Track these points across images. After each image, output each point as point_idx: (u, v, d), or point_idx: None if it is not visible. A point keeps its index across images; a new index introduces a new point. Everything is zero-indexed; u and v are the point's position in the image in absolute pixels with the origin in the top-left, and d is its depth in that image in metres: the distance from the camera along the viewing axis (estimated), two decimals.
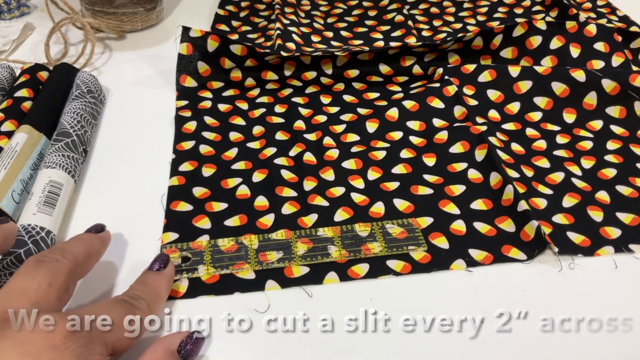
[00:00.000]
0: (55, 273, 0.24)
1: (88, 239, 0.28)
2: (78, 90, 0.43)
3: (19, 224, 0.31)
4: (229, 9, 0.61)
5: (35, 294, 0.23)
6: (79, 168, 0.37)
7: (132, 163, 0.39)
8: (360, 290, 0.31)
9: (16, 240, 0.29)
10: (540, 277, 0.32)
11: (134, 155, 0.40)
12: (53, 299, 0.23)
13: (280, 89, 0.47)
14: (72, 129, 0.38)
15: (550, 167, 0.39)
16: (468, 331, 0.29)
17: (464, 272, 0.32)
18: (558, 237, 0.33)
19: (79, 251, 0.26)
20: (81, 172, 0.38)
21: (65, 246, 0.26)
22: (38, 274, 0.24)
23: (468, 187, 0.37)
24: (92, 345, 0.21)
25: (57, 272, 0.24)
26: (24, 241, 0.30)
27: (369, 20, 0.60)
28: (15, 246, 0.29)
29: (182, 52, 0.46)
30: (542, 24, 0.48)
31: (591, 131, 0.43)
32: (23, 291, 0.23)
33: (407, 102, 0.44)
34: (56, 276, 0.24)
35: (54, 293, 0.23)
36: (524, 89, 0.45)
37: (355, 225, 0.34)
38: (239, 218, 0.35)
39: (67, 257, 0.25)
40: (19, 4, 0.60)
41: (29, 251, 0.29)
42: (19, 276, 0.24)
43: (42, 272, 0.24)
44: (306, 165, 0.39)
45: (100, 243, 0.29)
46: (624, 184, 0.38)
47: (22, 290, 0.23)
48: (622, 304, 0.30)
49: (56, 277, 0.24)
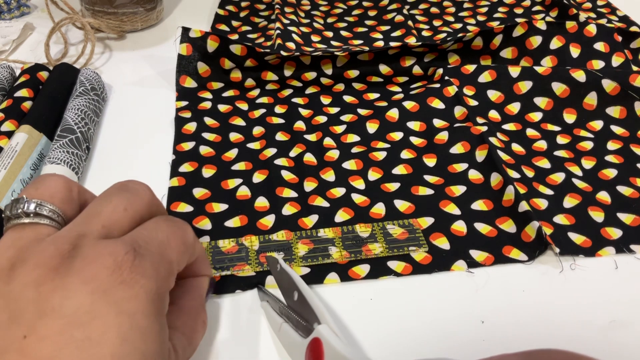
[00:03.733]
0: (133, 200, 0.23)
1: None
2: (82, 87, 0.43)
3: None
4: (229, 9, 0.61)
5: (108, 216, 0.22)
6: (82, 165, 0.37)
7: (132, 163, 0.39)
8: (360, 290, 0.31)
9: None
10: (541, 278, 0.32)
11: (133, 155, 0.40)
12: (125, 224, 0.22)
13: (280, 90, 0.47)
14: (76, 126, 0.38)
15: (550, 168, 0.39)
16: (468, 331, 0.29)
17: (465, 272, 0.32)
18: (559, 238, 0.33)
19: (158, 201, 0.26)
20: (83, 169, 0.38)
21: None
22: (116, 197, 0.23)
23: (469, 187, 0.37)
24: (158, 271, 0.21)
25: (135, 199, 0.23)
26: None
27: (369, 20, 0.60)
28: None
29: (182, 52, 0.46)
30: (542, 24, 0.48)
31: (591, 131, 0.43)
32: (97, 213, 0.22)
33: (407, 102, 0.44)
34: (133, 203, 0.23)
35: (127, 219, 0.22)
36: (524, 89, 0.45)
37: (356, 226, 0.34)
38: (240, 219, 0.35)
39: (149, 190, 0.25)
40: (19, 4, 0.59)
41: None
42: (97, 199, 0.23)
43: (120, 196, 0.23)
44: (306, 166, 0.39)
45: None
46: (624, 185, 0.38)
47: (96, 213, 0.22)
48: (622, 304, 0.30)
49: (133, 204, 0.23)
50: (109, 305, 0.18)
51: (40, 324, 0.18)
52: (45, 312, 0.18)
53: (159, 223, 0.23)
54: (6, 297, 0.19)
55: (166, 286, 0.21)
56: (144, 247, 0.21)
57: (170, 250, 0.22)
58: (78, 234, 0.21)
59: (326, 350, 0.23)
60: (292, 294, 0.27)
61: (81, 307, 0.18)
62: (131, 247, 0.20)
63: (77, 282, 0.19)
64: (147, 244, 0.21)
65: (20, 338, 0.17)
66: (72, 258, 0.19)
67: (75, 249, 0.20)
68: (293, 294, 0.27)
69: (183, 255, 0.23)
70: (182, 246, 0.23)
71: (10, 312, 0.18)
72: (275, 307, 0.28)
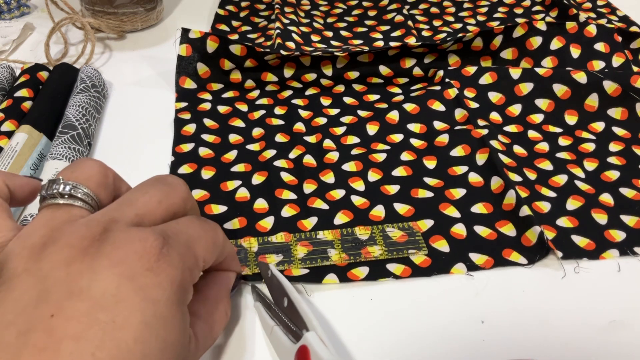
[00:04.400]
0: (168, 193, 0.24)
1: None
2: (83, 84, 0.43)
3: (27, 213, 0.31)
4: (229, 9, 0.61)
5: (142, 206, 0.22)
6: None
7: (132, 163, 0.39)
8: (360, 291, 0.31)
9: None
10: (542, 279, 0.31)
11: (133, 156, 0.40)
12: (158, 216, 0.23)
13: (280, 91, 0.47)
14: (78, 122, 0.39)
15: (553, 170, 0.39)
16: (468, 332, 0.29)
17: (464, 275, 0.32)
18: (562, 241, 0.33)
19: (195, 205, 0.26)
20: None
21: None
22: (152, 189, 0.23)
23: (468, 190, 0.37)
24: (185, 262, 0.21)
25: (170, 193, 0.24)
26: None
27: (369, 20, 0.59)
28: None
29: (182, 53, 0.46)
30: (542, 24, 0.48)
31: (593, 133, 0.43)
32: (131, 202, 0.22)
33: (407, 104, 0.44)
34: (167, 196, 0.23)
35: (160, 210, 0.23)
36: (525, 91, 0.45)
37: (355, 229, 0.34)
38: (239, 221, 0.35)
39: (185, 187, 0.25)
40: (19, 4, 0.59)
41: None
42: (134, 189, 0.24)
43: (156, 189, 0.23)
44: (306, 167, 0.39)
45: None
46: (627, 186, 0.38)
47: (131, 201, 0.22)
48: (624, 306, 0.30)
49: (167, 197, 0.23)
50: (135, 291, 0.19)
51: (67, 304, 0.18)
52: (73, 292, 0.18)
53: (191, 220, 0.24)
54: (36, 274, 0.19)
55: (190, 278, 0.21)
56: (173, 238, 0.21)
57: (199, 246, 0.22)
58: (110, 219, 0.21)
59: (313, 359, 0.24)
60: (282, 300, 0.28)
61: (107, 290, 0.18)
62: (161, 236, 0.20)
63: (105, 265, 0.19)
64: (177, 235, 0.22)
65: (48, 317, 0.18)
66: (102, 241, 0.20)
67: (107, 233, 0.20)
68: (283, 300, 0.28)
69: (211, 254, 0.24)
70: (211, 245, 0.24)
71: (39, 291, 0.18)
72: (268, 309, 0.28)
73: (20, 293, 0.18)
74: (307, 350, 0.24)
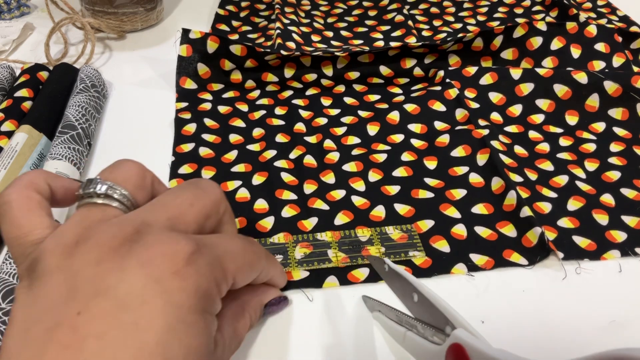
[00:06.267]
0: (201, 197, 0.24)
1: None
2: (82, 84, 0.43)
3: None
4: (229, 9, 0.61)
5: (174, 209, 0.22)
6: (83, 160, 0.38)
7: None
8: (360, 291, 0.31)
9: None
10: (543, 279, 0.31)
11: (133, 156, 0.39)
12: (190, 219, 0.23)
13: (281, 91, 0.47)
14: (77, 122, 0.39)
15: (554, 170, 0.39)
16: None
17: (465, 276, 0.32)
18: (563, 242, 0.33)
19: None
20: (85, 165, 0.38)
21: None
22: (185, 192, 0.23)
23: (469, 191, 0.37)
24: (213, 273, 0.21)
25: (203, 196, 0.24)
26: None
27: (369, 20, 0.59)
28: None
29: (182, 53, 0.46)
30: (542, 24, 0.48)
31: (594, 133, 0.43)
32: (164, 204, 0.22)
33: (408, 105, 0.44)
34: (200, 199, 0.23)
35: (192, 214, 0.23)
36: (525, 91, 0.45)
37: (355, 230, 0.34)
38: (239, 221, 0.34)
39: (219, 190, 0.25)
40: (19, 3, 0.59)
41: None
42: (168, 192, 0.24)
43: (189, 192, 0.23)
44: (306, 168, 0.39)
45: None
46: (628, 187, 0.38)
47: (164, 204, 0.23)
48: (626, 307, 0.30)
49: (200, 200, 0.23)
50: (159, 293, 0.19)
51: (93, 303, 0.18)
52: (100, 291, 0.18)
53: (234, 238, 0.24)
54: (67, 271, 0.19)
55: (216, 290, 0.21)
56: (206, 247, 0.21)
57: (232, 263, 0.22)
58: (143, 221, 0.21)
59: (472, 356, 0.21)
60: (412, 295, 0.25)
61: (133, 291, 0.18)
62: (194, 242, 0.20)
63: (133, 265, 0.19)
64: (211, 246, 0.21)
65: (75, 314, 0.18)
66: (133, 242, 0.20)
67: (138, 234, 0.20)
68: (412, 296, 0.25)
69: (244, 274, 0.23)
70: (246, 266, 0.24)
71: (69, 287, 0.19)
72: (392, 315, 0.27)
73: (51, 289, 0.19)
74: (461, 348, 0.21)
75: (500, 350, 0.20)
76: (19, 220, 0.21)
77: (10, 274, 0.28)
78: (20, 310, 0.19)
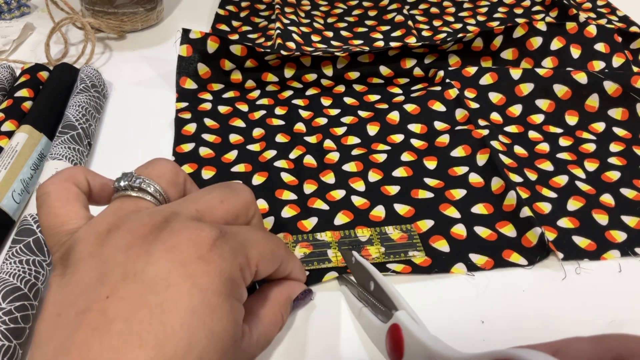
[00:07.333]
0: (231, 196, 0.24)
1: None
2: (82, 84, 0.43)
3: (27, 213, 0.32)
4: (229, 9, 0.61)
5: (204, 203, 0.23)
6: (83, 160, 0.38)
7: (132, 164, 0.39)
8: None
9: (25, 229, 0.30)
10: (543, 279, 0.31)
11: (133, 156, 0.40)
12: (219, 215, 0.23)
13: (281, 91, 0.47)
14: (77, 122, 0.39)
15: (553, 170, 0.39)
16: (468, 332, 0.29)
17: (465, 276, 0.32)
18: (563, 242, 0.33)
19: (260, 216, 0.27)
20: (85, 165, 0.38)
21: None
22: (216, 190, 0.24)
23: (469, 191, 0.37)
24: (236, 259, 0.21)
25: (233, 195, 0.25)
26: (32, 230, 0.30)
27: (369, 20, 0.59)
28: (24, 235, 0.30)
29: (182, 53, 0.46)
30: (542, 25, 0.48)
31: (594, 133, 0.43)
32: (195, 199, 0.23)
33: (408, 105, 0.44)
34: (230, 198, 0.24)
35: (221, 210, 0.24)
36: (525, 91, 0.45)
37: (355, 230, 0.34)
38: None
39: (249, 192, 0.26)
40: (19, 4, 0.59)
41: (37, 240, 0.30)
42: (199, 190, 0.25)
43: (220, 190, 0.24)
44: (306, 168, 0.39)
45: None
46: (628, 187, 0.38)
47: (194, 199, 0.23)
48: (626, 307, 0.30)
49: (230, 199, 0.24)
50: (184, 277, 0.19)
51: (121, 286, 0.19)
52: (128, 275, 0.19)
53: (255, 228, 0.25)
54: (98, 258, 0.20)
55: (240, 275, 0.22)
56: (230, 234, 0.22)
57: (254, 250, 0.23)
58: (172, 211, 0.22)
59: (405, 336, 0.24)
60: (369, 283, 0.28)
61: (159, 274, 0.19)
62: (218, 229, 0.21)
63: (160, 250, 0.20)
64: (234, 234, 0.22)
65: (104, 298, 0.19)
66: (161, 229, 0.21)
67: (167, 222, 0.21)
68: (370, 284, 0.28)
69: (267, 262, 0.24)
70: (268, 253, 0.24)
71: (99, 273, 0.19)
72: (354, 292, 0.29)
73: (83, 275, 0.20)
74: (398, 328, 0.25)
75: (433, 337, 0.23)
76: (57, 210, 0.22)
77: (10, 274, 0.28)
78: (52, 297, 0.20)
